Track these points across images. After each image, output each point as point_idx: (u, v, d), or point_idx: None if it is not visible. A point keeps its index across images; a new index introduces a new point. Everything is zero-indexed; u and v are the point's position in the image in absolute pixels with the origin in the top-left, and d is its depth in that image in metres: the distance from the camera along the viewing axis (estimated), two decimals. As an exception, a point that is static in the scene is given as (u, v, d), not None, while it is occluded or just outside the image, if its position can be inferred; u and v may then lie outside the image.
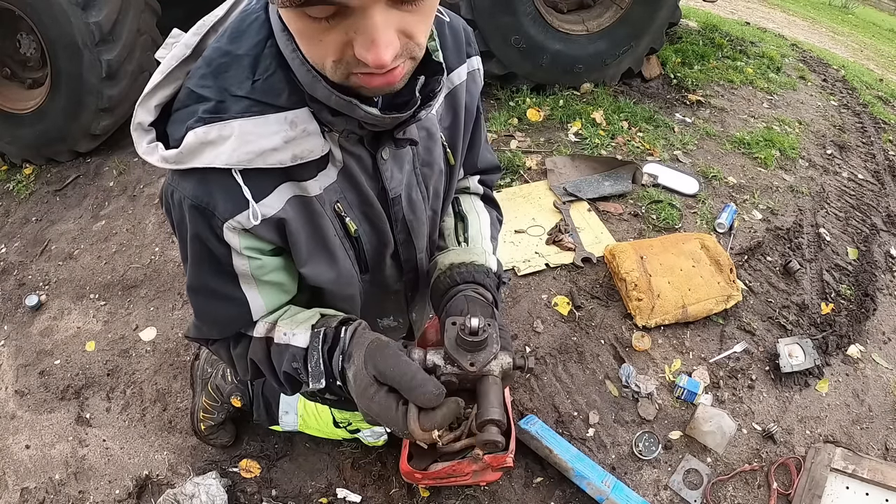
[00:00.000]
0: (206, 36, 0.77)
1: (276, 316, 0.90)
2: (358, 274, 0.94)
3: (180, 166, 0.72)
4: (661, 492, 1.63)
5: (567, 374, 1.88)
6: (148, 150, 0.74)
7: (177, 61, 0.75)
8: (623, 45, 3.09)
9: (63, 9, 2.38)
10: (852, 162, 3.01)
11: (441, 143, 0.95)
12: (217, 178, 0.73)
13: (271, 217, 0.78)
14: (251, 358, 0.90)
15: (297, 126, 0.73)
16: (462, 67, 0.94)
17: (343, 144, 0.80)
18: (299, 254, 0.84)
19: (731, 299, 2.02)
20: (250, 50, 0.72)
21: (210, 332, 0.93)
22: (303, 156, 0.75)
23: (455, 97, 0.95)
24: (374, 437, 1.57)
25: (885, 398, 1.88)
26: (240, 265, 0.82)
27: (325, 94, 0.70)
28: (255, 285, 0.86)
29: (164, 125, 0.76)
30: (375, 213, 0.89)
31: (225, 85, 0.71)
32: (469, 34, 0.96)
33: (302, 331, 0.85)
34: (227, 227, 0.76)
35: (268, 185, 0.76)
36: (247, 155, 0.71)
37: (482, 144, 1.12)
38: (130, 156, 2.88)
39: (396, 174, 0.88)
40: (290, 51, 0.69)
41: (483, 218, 1.12)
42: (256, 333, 0.90)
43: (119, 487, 1.69)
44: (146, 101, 0.75)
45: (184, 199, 0.75)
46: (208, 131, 0.70)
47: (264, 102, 0.71)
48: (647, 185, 2.58)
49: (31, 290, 2.31)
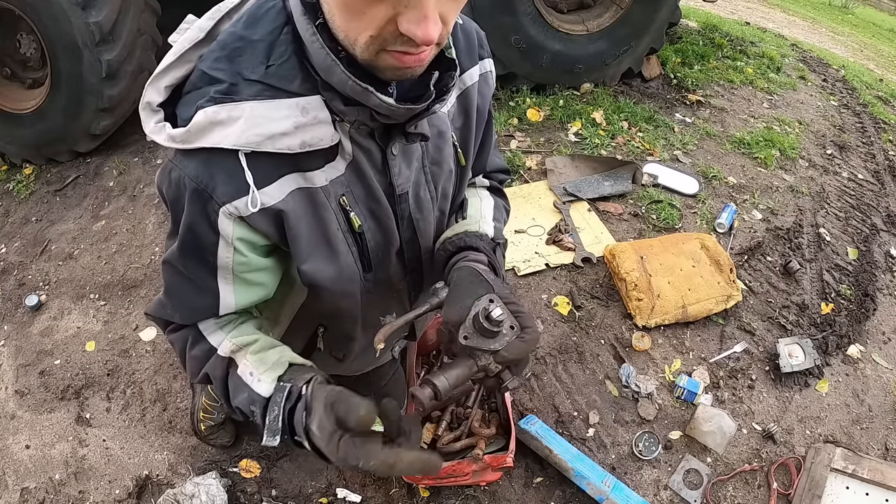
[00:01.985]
0: (221, 21, 0.78)
1: (245, 341, 0.86)
2: (360, 272, 0.93)
3: (187, 145, 0.72)
4: (661, 492, 1.63)
5: (567, 374, 1.88)
6: (155, 130, 0.74)
7: (190, 44, 0.75)
8: (623, 45, 3.09)
9: (63, 9, 2.38)
10: (852, 162, 3.01)
11: (452, 143, 0.95)
12: (221, 160, 0.73)
13: (270, 207, 0.77)
14: (207, 371, 0.87)
15: (308, 112, 0.73)
16: (474, 69, 0.94)
17: (353, 136, 0.80)
18: (299, 249, 0.83)
19: (731, 299, 2.02)
20: (266, 36, 0.72)
21: (172, 314, 0.90)
22: (312, 143, 0.74)
23: (467, 98, 0.95)
24: (374, 437, 1.57)
25: (885, 398, 1.88)
26: (223, 257, 0.81)
27: (342, 80, 0.70)
28: (232, 281, 0.84)
29: (172, 108, 0.76)
30: (382, 210, 0.89)
31: (238, 69, 0.71)
32: (482, 37, 0.96)
33: (267, 379, 0.81)
34: (222, 212, 0.75)
35: (272, 174, 0.76)
36: (256, 137, 0.71)
37: (492, 147, 1.12)
38: (130, 156, 2.88)
39: (405, 170, 0.88)
40: (309, 34, 0.69)
41: (486, 201, 1.11)
42: (221, 350, 0.86)
43: (119, 487, 1.69)
44: (156, 81, 0.75)
45: (183, 178, 0.74)
46: (219, 111, 0.70)
47: (277, 87, 0.71)
48: (647, 185, 2.58)
49: (31, 290, 2.31)
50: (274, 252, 0.88)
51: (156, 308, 0.92)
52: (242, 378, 0.82)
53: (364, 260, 0.92)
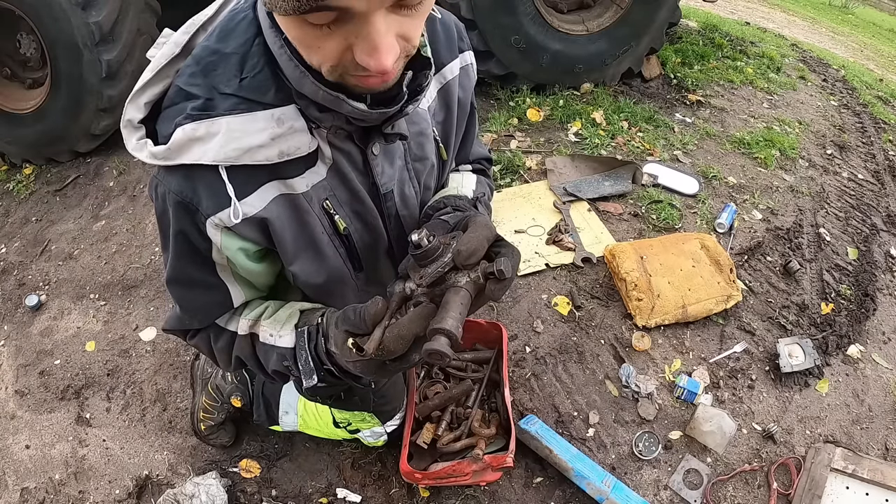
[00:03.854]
0: (196, 35, 0.78)
1: (258, 313, 0.92)
2: (351, 272, 0.93)
3: (169, 162, 0.73)
4: (661, 492, 1.63)
5: (567, 374, 1.88)
6: (137, 147, 0.75)
7: (166, 59, 0.76)
8: (623, 45, 3.08)
9: (63, 9, 2.38)
10: (852, 162, 3.01)
11: (434, 139, 0.95)
12: (202, 175, 0.74)
13: (253, 216, 0.78)
14: (237, 354, 0.92)
15: (283, 123, 0.74)
16: (455, 62, 0.95)
17: (332, 141, 0.81)
18: (285, 252, 0.85)
19: (731, 299, 2.02)
20: (238, 48, 0.73)
21: (192, 322, 0.94)
22: (290, 152, 0.75)
23: (448, 92, 0.96)
24: (373, 438, 1.57)
25: (885, 398, 1.88)
26: (219, 259, 0.84)
27: (313, 90, 0.70)
28: (232, 277, 0.88)
29: (153, 123, 0.77)
30: (366, 210, 0.89)
31: (213, 83, 0.72)
32: (461, 30, 0.96)
33: (287, 332, 0.88)
34: (209, 224, 0.77)
35: (252, 184, 0.77)
36: (234, 151, 0.72)
37: (475, 137, 1.13)
38: (130, 156, 2.85)
39: (388, 169, 0.88)
40: (277, 47, 0.70)
41: (467, 177, 1.11)
42: (240, 331, 0.92)
43: (119, 487, 1.69)
44: (136, 98, 0.76)
45: (168, 194, 0.76)
46: (196, 128, 0.71)
47: (252, 100, 0.72)
48: (647, 185, 2.58)
49: (31, 290, 2.31)
50: (266, 257, 0.90)
51: (173, 322, 0.95)
52: (266, 343, 0.89)
53: (354, 261, 0.93)
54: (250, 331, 0.91)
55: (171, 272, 0.87)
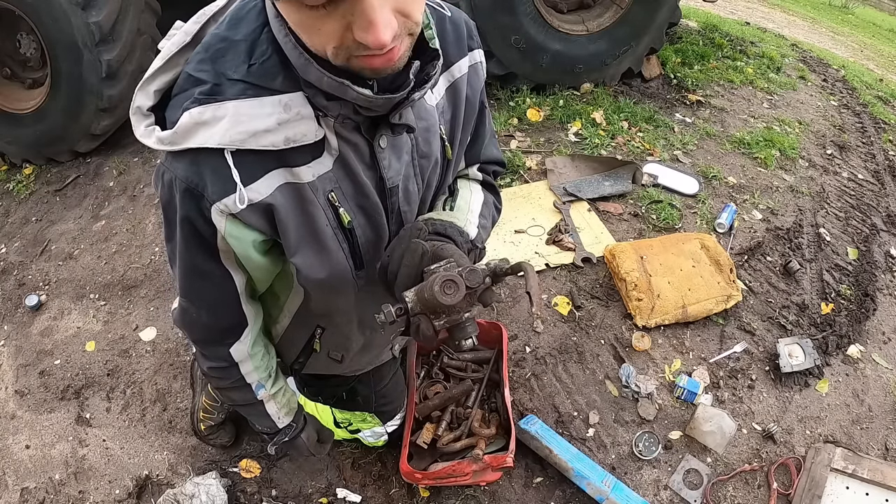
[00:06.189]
0: (206, 24, 0.79)
1: (275, 390, 1.11)
2: (352, 270, 0.93)
3: (175, 147, 0.73)
4: (661, 492, 1.63)
5: (567, 374, 1.88)
6: (145, 133, 0.76)
7: (177, 48, 0.77)
8: (623, 45, 3.08)
9: (63, 9, 2.38)
10: (852, 162, 3.01)
11: (440, 136, 0.95)
12: (208, 160, 0.74)
13: (259, 202, 0.78)
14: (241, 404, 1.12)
15: (290, 109, 0.74)
16: (463, 60, 0.94)
17: (339, 131, 0.80)
18: (288, 242, 0.84)
19: (731, 299, 2.02)
20: (247, 35, 0.73)
21: (198, 314, 0.93)
22: (296, 139, 0.75)
23: (456, 90, 0.95)
24: (374, 438, 1.57)
25: (885, 398, 1.88)
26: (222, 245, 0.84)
27: (318, 77, 0.71)
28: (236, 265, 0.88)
29: (162, 111, 0.77)
30: (371, 205, 0.88)
31: (221, 69, 0.72)
32: (471, 28, 0.96)
33: (287, 420, 1.16)
34: (214, 210, 0.77)
35: (259, 170, 0.77)
36: (239, 135, 0.72)
37: (488, 138, 1.11)
38: (130, 156, 2.88)
39: (395, 164, 0.88)
40: (282, 35, 0.70)
41: (476, 195, 1.11)
42: (259, 396, 1.09)
43: (119, 487, 1.69)
44: (145, 85, 0.77)
45: (175, 180, 0.76)
46: (203, 111, 0.71)
47: (259, 86, 0.72)
48: (647, 185, 2.58)
49: (31, 290, 2.31)
50: (270, 251, 0.89)
51: (179, 315, 0.95)
52: (271, 416, 1.14)
53: (356, 257, 0.92)
54: (263, 399, 1.10)
55: (177, 258, 0.87)
